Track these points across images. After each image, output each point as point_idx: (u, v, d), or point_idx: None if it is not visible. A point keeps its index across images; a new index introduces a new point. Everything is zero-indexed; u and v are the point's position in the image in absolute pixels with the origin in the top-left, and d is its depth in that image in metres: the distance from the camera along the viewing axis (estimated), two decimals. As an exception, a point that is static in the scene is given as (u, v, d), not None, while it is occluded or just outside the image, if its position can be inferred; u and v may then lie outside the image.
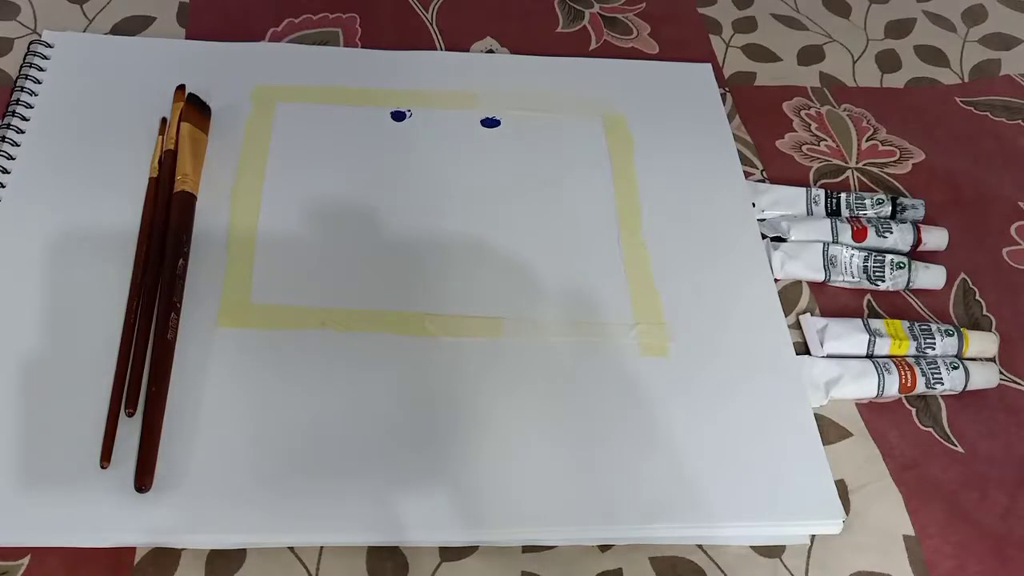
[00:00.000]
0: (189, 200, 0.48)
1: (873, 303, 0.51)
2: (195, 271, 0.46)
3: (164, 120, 0.52)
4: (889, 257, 0.51)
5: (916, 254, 0.53)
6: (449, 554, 0.40)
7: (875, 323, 0.49)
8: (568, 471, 0.42)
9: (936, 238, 0.53)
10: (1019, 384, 0.48)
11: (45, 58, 0.54)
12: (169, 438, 0.41)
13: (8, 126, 0.50)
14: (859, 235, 0.52)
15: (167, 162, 0.49)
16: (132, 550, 0.39)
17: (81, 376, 0.42)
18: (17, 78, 0.53)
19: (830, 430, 0.46)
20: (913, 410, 0.47)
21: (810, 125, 0.59)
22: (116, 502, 0.39)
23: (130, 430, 0.40)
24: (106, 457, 0.40)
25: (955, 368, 0.47)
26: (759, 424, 0.44)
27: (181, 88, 0.52)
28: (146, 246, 0.46)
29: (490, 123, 0.55)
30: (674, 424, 0.43)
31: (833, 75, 0.63)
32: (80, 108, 0.52)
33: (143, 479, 0.39)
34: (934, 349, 0.48)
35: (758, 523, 0.42)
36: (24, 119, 0.51)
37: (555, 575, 0.40)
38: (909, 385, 0.46)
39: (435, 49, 0.60)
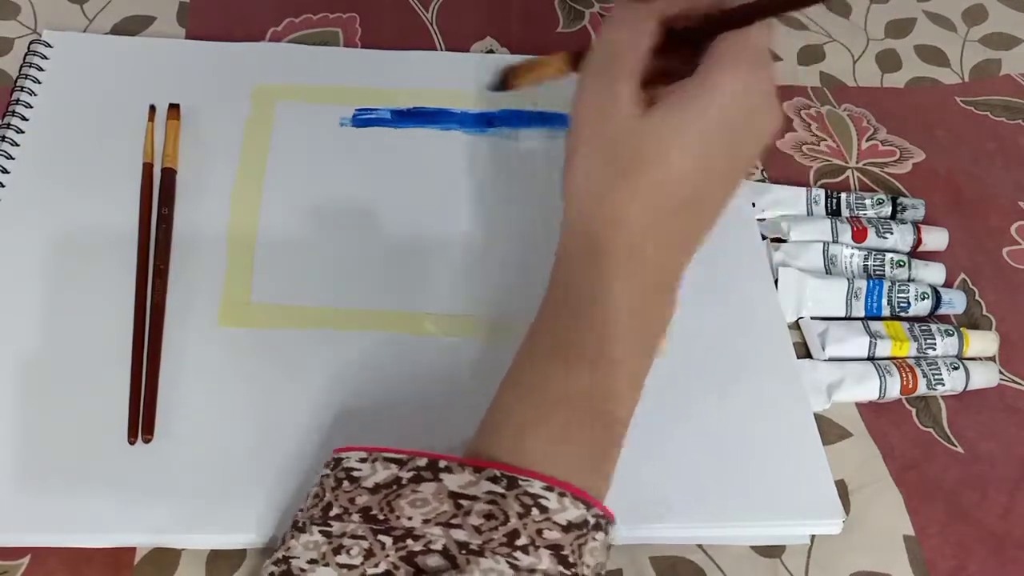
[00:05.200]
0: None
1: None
2: (195, 271, 0.46)
3: (152, 108, 0.52)
4: (889, 256, 0.51)
5: (916, 254, 0.53)
6: (449, 554, 0.40)
7: (875, 325, 0.48)
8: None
9: (936, 238, 0.53)
10: (1019, 384, 0.48)
11: (45, 58, 0.54)
12: (169, 437, 0.41)
13: (8, 126, 0.50)
14: (859, 235, 0.52)
15: (164, 180, 0.49)
16: (132, 550, 0.39)
17: (82, 375, 0.42)
18: (17, 78, 0.53)
19: (830, 430, 0.46)
20: (913, 410, 0.47)
21: (810, 125, 0.59)
22: (116, 502, 0.39)
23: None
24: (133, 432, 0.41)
25: (956, 368, 0.47)
26: (759, 424, 0.44)
27: (175, 107, 0.52)
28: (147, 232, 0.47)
29: (490, 123, 0.55)
30: (674, 424, 0.43)
31: (833, 75, 0.63)
32: (80, 108, 0.52)
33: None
34: (935, 350, 0.48)
35: (758, 523, 0.42)
36: (24, 119, 0.51)
37: (555, 575, 0.40)
38: (911, 387, 0.46)
39: (435, 49, 0.60)
